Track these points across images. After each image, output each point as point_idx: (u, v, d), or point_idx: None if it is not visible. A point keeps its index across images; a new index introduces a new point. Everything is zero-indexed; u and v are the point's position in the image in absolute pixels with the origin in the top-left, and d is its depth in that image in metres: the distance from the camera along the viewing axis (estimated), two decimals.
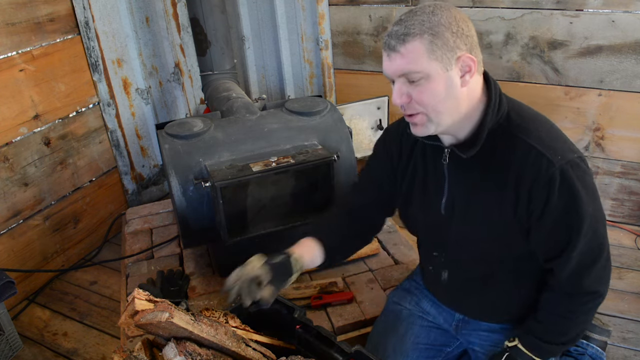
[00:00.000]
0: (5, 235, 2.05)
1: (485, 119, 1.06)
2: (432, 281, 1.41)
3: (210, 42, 2.22)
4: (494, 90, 1.08)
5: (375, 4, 2.49)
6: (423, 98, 1.02)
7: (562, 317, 1.16)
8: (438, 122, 1.05)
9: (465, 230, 1.18)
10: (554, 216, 1.05)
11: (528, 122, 1.08)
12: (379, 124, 2.46)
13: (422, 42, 0.98)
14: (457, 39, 0.99)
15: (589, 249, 1.08)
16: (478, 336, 1.33)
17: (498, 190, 1.09)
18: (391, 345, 1.36)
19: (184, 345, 1.02)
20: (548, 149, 1.03)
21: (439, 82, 1.00)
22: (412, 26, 0.99)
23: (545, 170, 1.02)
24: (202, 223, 1.69)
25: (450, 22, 0.99)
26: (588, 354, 1.49)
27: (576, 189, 1.02)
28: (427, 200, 1.23)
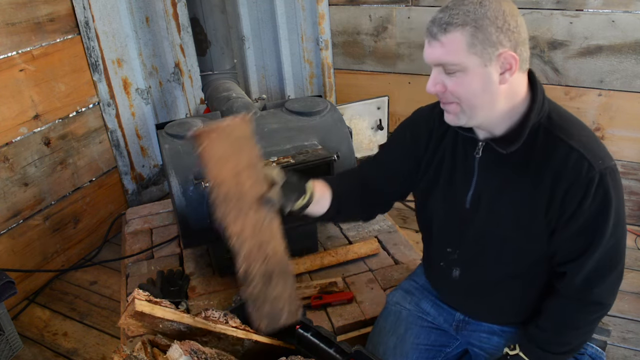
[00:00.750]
0: (5, 235, 2.05)
1: (529, 116, 1.05)
2: (440, 278, 1.37)
3: (210, 42, 2.22)
4: (540, 89, 1.07)
5: (375, 4, 2.49)
6: (458, 90, 1.01)
7: (567, 326, 1.15)
8: (470, 115, 1.04)
9: (489, 226, 1.16)
10: (583, 218, 1.04)
11: (570, 125, 1.07)
12: (379, 124, 2.46)
13: (464, 34, 0.96)
14: (501, 34, 0.96)
15: (607, 257, 1.08)
16: (478, 337, 1.33)
17: (532, 188, 1.07)
18: (391, 345, 1.36)
19: (189, 345, 1.03)
20: (590, 152, 1.02)
21: (475, 76, 0.98)
22: (457, 15, 0.96)
23: (585, 173, 1.01)
24: (202, 223, 1.69)
25: (497, 16, 0.95)
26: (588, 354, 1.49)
27: (610, 195, 1.03)
28: (451, 192, 1.20)
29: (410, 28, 2.46)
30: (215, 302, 1.75)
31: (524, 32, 1.00)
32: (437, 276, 1.39)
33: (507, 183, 1.11)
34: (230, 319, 1.18)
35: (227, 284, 1.86)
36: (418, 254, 1.98)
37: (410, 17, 2.43)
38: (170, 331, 1.09)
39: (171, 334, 1.10)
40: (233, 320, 1.19)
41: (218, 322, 1.15)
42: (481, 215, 1.16)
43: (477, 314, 1.34)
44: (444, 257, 1.29)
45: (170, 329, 1.09)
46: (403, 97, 2.60)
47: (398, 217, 2.55)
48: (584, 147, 1.03)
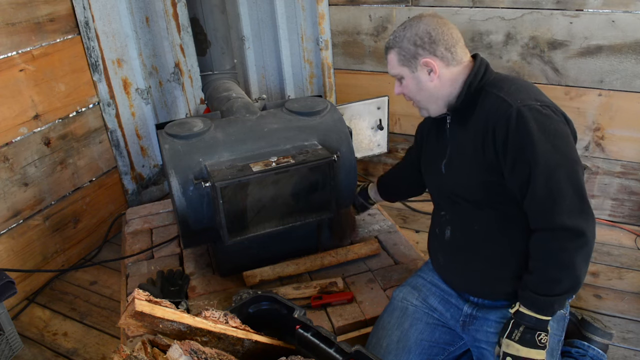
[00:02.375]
0: (5, 235, 2.05)
1: (466, 82, 1.29)
2: (437, 247, 1.47)
3: (210, 42, 2.22)
4: (479, 63, 1.30)
5: (375, 4, 2.49)
6: (405, 92, 1.37)
7: (548, 259, 1.18)
8: (426, 107, 1.37)
9: (455, 179, 1.35)
10: (512, 153, 1.18)
11: (503, 82, 1.27)
12: (379, 124, 2.46)
13: (394, 54, 1.33)
14: (419, 48, 1.28)
15: (554, 182, 1.14)
16: (485, 333, 1.33)
17: (474, 138, 1.26)
18: (395, 339, 1.37)
19: (189, 344, 1.03)
20: (510, 96, 1.20)
21: (410, 81, 1.33)
22: (391, 41, 1.33)
23: (504, 112, 1.19)
24: (202, 223, 1.69)
25: (414, 36, 1.28)
26: (589, 356, 1.50)
27: (530, 127, 1.15)
28: (434, 163, 1.44)
29: None
30: (215, 302, 1.75)
31: (446, 40, 1.27)
32: (436, 246, 1.48)
33: (463, 141, 1.32)
34: (230, 319, 1.18)
35: (227, 284, 1.86)
36: (418, 254, 1.98)
37: (411, 17, 2.43)
38: (170, 331, 1.09)
39: (171, 334, 1.10)
40: (233, 320, 1.19)
41: (218, 322, 1.15)
42: (452, 175, 1.36)
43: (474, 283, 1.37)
44: (439, 221, 1.45)
45: (170, 329, 1.09)
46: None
47: (398, 217, 2.55)
48: (507, 94, 1.21)
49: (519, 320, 1.21)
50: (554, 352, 1.28)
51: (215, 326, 1.12)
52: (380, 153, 2.51)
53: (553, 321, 1.31)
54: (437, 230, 1.46)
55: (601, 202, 2.38)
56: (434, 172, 1.44)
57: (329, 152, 1.67)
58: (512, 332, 1.21)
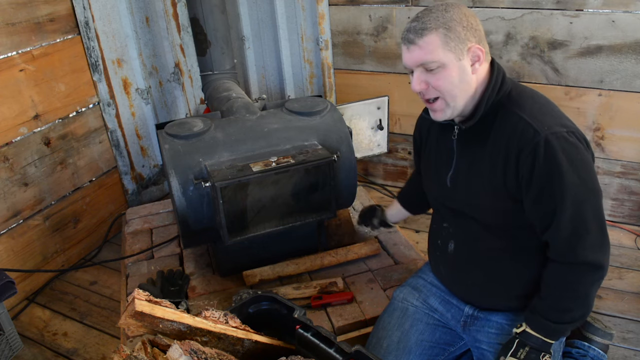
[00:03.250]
0: (5, 235, 2.05)
1: (484, 95, 1.18)
2: (439, 258, 1.44)
3: (210, 42, 2.22)
4: (497, 72, 1.20)
5: (375, 4, 2.49)
6: (440, 84, 1.15)
7: (564, 291, 1.17)
8: (454, 105, 1.18)
9: (467, 199, 1.28)
10: (538, 184, 1.12)
11: (525, 99, 1.19)
12: (379, 124, 2.46)
13: (438, 35, 1.12)
14: (467, 32, 1.13)
15: (580, 218, 1.12)
16: (486, 334, 1.33)
17: (491, 160, 1.19)
18: (395, 340, 1.36)
19: (189, 344, 1.03)
20: (536, 120, 1.13)
21: (453, 69, 1.14)
22: (429, 21, 1.12)
23: (530, 140, 1.11)
24: (202, 223, 1.69)
25: (461, 18, 1.13)
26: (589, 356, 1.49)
27: (559, 159, 1.10)
28: (436, 174, 1.37)
29: None
30: (215, 302, 1.75)
31: (482, 30, 1.17)
32: (437, 256, 1.45)
33: (476, 158, 1.24)
34: (230, 319, 1.18)
35: (227, 284, 1.86)
36: (418, 254, 1.98)
37: (410, 17, 2.42)
38: (170, 331, 1.09)
39: (171, 334, 1.10)
40: (233, 320, 1.19)
41: (218, 322, 1.15)
42: (459, 191, 1.29)
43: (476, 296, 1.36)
44: (441, 233, 1.40)
45: (170, 329, 1.09)
46: (403, 97, 2.60)
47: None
48: (531, 116, 1.14)
49: (525, 341, 1.21)
50: (555, 353, 1.28)
51: (215, 326, 1.12)
52: (380, 153, 2.52)
53: None
54: (439, 241, 1.41)
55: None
56: (436, 182, 1.38)
57: (329, 152, 1.67)
58: (517, 351, 1.21)
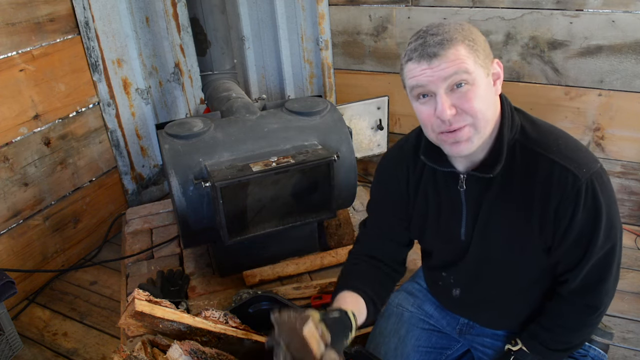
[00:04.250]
0: (5, 235, 2.05)
1: (502, 132, 1.02)
2: (440, 294, 1.39)
3: (210, 42, 2.22)
4: (506, 102, 1.04)
5: (375, 4, 2.49)
6: (473, 105, 0.95)
7: (567, 328, 1.17)
8: (484, 132, 0.99)
9: (485, 253, 1.14)
10: (578, 229, 1.03)
11: (546, 136, 1.04)
12: (379, 124, 2.46)
13: (465, 47, 0.94)
14: (487, 45, 0.99)
15: (604, 262, 1.09)
16: (482, 342, 1.34)
17: (522, 209, 1.05)
18: (392, 347, 1.35)
19: (189, 344, 1.03)
20: (571, 162, 0.99)
21: (482, 87, 0.96)
22: (449, 33, 0.94)
23: (572, 186, 0.99)
24: (202, 223, 1.69)
25: (478, 32, 0.98)
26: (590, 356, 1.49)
27: (600, 201, 1.01)
28: (443, 227, 1.19)
29: (410, 28, 2.46)
30: (215, 302, 1.75)
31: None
32: (438, 292, 1.40)
33: (497, 207, 1.08)
34: (230, 319, 1.18)
35: (227, 284, 1.86)
36: (418, 254, 1.97)
37: (410, 17, 2.43)
38: (170, 331, 1.09)
39: (171, 334, 1.10)
40: (233, 320, 1.19)
41: (218, 322, 1.15)
42: (476, 244, 1.15)
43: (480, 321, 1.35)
44: (440, 279, 1.31)
45: (170, 329, 1.09)
46: (403, 97, 2.59)
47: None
48: (564, 158, 1.00)
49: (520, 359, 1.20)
50: None
51: (215, 326, 1.12)
52: (380, 153, 2.52)
53: None
54: (441, 283, 1.31)
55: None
56: (444, 239, 1.21)
57: (329, 152, 1.67)
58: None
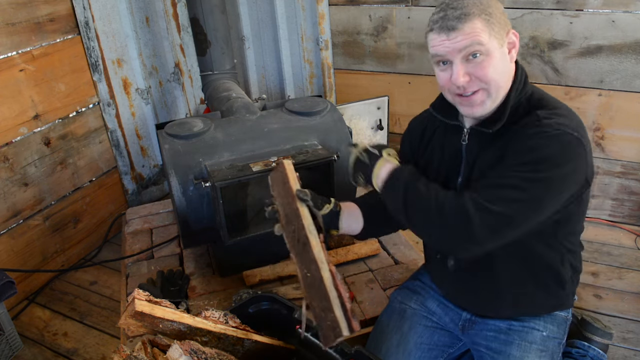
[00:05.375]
0: (5, 235, 2.05)
1: (510, 94, 1.11)
2: (438, 271, 1.40)
3: (210, 42, 2.22)
4: (521, 71, 1.14)
5: (375, 4, 2.49)
6: (487, 73, 1.06)
7: (437, 200, 1.09)
8: (496, 96, 1.10)
9: None
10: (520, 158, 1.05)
11: (547, 102, 1.12)
12: (379, 124, 2.46)
13: (481, 21, 1.04)
14: (503, 16, 1.07)
15: (518, 183, 1.03)
16: (485, 336, 1.33)
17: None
18: (394, 343, 1.36)
19: (189, 344, 1.03)
20: (554, 117, 1.06)
21: (497, 57, 1.06)
22: (468, 7, 1.04)
23: (541, 124, 1.05)
24: (202, 223, 1.69)
25: (496, 3, 1.07)
26: (589, 356, 1.49)
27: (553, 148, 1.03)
28: (441, 180, 1.24)
29: (410, 28, 2.46)
30: (215, 302, 1.75)
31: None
32: (435, 269, 1.41)
33: (490, 163, 1.13)
34: (230, 319, 1.18)
35: (227, 284, 1.86)
36: (418, 254, 1.98)
37: (410, 17, 2.43)
38: (170, 331, 1.09)
39: (171, 334, 1.10)
40: (233, 320, 1.19)
41: (218, 322, 1.15)
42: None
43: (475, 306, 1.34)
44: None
45: (170, 329, 1.09)
46: (403, 97, 2.60)
47: None
48: (548, 116, 1.07)
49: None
50: (555, 355, 1.28)
51: (215, 326, 1.12)
52: None
53: (553, 324, 1.30)
54: (438, 256, 1.35)
55: (601, 202, 2.38)
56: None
57: (329, 152, 1.67)
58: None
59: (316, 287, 1.07)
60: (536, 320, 1.30)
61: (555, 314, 1.31)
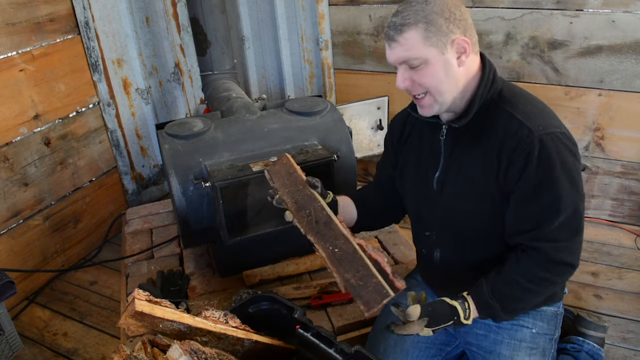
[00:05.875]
0: (5, 235, 2.05)
1: (477, 92, 1.14)
2: (425, 265, 1.43)
3: (210, 42, 2.22)
4: (488, 68, 1.16)
5: (375, 4, 2.49)
6: (424, 81, 1.11)
7: (524, 277, 1.14)
8: (442, 101, 1.14)
9: (454, 202, 1.22)
10: (531, 183, 1.09)
11: (517, 98, 1.16)
12: (379, 124, 2.46)
13: (418, 31, 1.07)
14: (450, 24, 1.07)
15: (569, 223, 1.11)
16: (475, 336, 1.33)
17: (483, 160, 1.15)
18: (392, 343, 1.36)
19: (189, 344, 1.03)
20: (530, 120, 1.10)
21: (437, 65, 1.09)
22: (408, 16, 1.07)
23: (525, 138, 1.08)
24: (202, 223, 1.69)
25: (443, 9, 1.07)
26: (584, 351, 1.49)
27: (553, 161, 1.08)
28: (420, 174, 1.30)
29: None
30: (215, 302, 1.75)
31: (469, 19, 1.12)
32: (423, 264, 1.44)
33: (466, 158, 1.19)
34: (230, 319, 1.18)
35: (227, 284, 1.86)
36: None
37: None
38: (170, 331, 1.09)
39: (171, 334, 1.10)
40: (233, 320, 1.19)
41: (218, 322, 1.15)
42: (446, 193, 1.24)
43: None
44: (425, 242, 1.35)
45: (170, 329, 1.09)
46: (403, 97, 2.58)
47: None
48: (524, 116, 1.11)
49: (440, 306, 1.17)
50: (546, 351, 1.28)
51: (215, 326, 1.12)
52: (380, 153, 2.52)
53: (542, 321, 1.30)
54: (424, 250, 1.37)
55: (601, 202, 2.38)
56: (419, 185, 1.31)
57: (329, 152, 1.67)
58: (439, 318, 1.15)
59: (349, 259, 1.10)
60: (524, 317, 1.30)
61: (543, 310, 1.31)
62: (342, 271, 1.09)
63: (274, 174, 1.32)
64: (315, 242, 1.17)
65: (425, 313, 1.10)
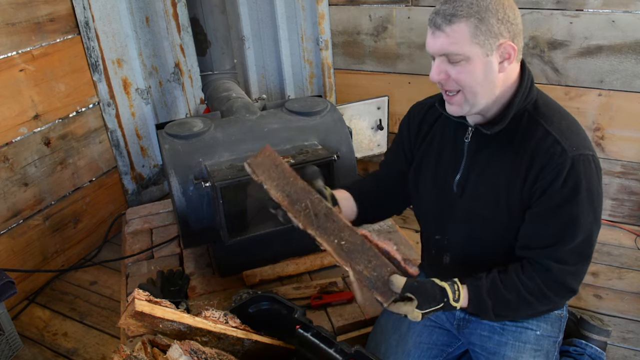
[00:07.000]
0: (5, 235, 2.05)
1: (514, 100, 1.10)
2: (433, 267, 1.40)
3: (210, 42, 2.22)
4: (527, 77, 1.13)
5: (375, 4, 2.49)
6: (461, 78, 1.05)
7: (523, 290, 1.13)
8: (474, 102, 1.09)
9: (472, 207, 1.19)
10: (554, 200, 1.07)
11: (553, 113, 1.12)
12: (379, 124, 2.46)
13: (468, 25, 1.00)
14: (502, 25, 1.02)
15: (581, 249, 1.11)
16: (479, 337, 1.33)
17: (510, 170, 1.12)
18: (393, 343, 1.36)
19: (189, 344, 1.03)
20: (565, 139, 1.07)
21: (477, 65, 1.03)
22: (460, 7, 1.01)
23: (558, 157, 1.05)
24: (202, 223, 1.69)
25: (498, 9, 1.01)
26: (587, 354, 1.49)
27: (581, 182, 1.05)
28: (439, 175, 1.25)
29: (410, 28, 2.46)
30: (215, 302, 1.75)
31: (520, 24, 1.06)
32: (431, 265, 1.41)
33: (491, 165, 1.16)
34: (230, 319, 1.18)
35: (227, 284, 1.86)
36: (418, 254, 1.98)
37: (410, 17, 2.43)
38: (170, 331, 1.09)
39: (171, 334, 1.10)
40: (233, 320, 1.19)
41: (218, 322, 1.15)
42: (466, 197, 1.20)
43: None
44: (434, 244, 1.33)
45: (170, 329, 1.09)
46: (403, 97, 2.60)
47: (398, 217, 2.55)
48: (560, 133, 1.08)
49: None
50: (550, 353, 1.28)
51: (215, 326, 1.12)
52: (380, 153, 2.52)
53: (547, 323, 1.30)
54: (433, 252, 1.35)
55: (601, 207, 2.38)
56: (437, 187, 1.27)
57: (329, 152, 1.67)
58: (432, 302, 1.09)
59: (359, 251, 1.07)
60: (529, 319, 1.29)
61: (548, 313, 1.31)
62: (353, 264, 1.07)
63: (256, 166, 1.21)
64: (318, 236, 1.12)
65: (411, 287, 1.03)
